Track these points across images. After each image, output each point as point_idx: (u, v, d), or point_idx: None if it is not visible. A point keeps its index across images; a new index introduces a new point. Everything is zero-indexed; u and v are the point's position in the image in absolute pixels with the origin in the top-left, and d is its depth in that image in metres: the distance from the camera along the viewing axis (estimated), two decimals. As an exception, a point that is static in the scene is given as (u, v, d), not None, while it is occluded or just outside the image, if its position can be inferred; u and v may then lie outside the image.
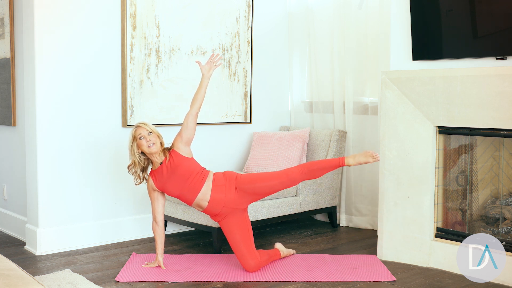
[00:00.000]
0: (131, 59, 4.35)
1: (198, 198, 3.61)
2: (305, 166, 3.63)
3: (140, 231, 4.53)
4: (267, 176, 3.65)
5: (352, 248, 4.24)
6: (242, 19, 4.98)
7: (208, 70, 3.67)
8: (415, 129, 3.82)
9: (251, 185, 3.62)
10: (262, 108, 5.28)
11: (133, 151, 3.58)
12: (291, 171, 3.64)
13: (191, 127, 3.61)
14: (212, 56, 3.71)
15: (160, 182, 3.62)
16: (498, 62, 3.49)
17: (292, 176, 3.62)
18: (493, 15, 3.48)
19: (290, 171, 3.64)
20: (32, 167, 4.12)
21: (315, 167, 3.61)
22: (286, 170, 3.67)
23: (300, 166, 3.64)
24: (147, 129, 3.57)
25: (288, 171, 3.65)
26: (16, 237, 4.53)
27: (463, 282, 3.50)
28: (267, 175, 3.66)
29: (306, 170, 3.61)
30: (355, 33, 4.89)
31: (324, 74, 5.20)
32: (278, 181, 3.62)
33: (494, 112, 3.45)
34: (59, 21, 4.07)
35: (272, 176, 3.64)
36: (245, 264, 3.62)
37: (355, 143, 4.96)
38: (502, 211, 3.74)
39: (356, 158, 3.58)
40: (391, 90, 3.89)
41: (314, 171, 3.62)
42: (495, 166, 3.88)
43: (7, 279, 2.22)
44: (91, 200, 4.31)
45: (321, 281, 3.49)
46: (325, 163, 3.63)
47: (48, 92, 4.06)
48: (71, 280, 3.42)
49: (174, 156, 3.59)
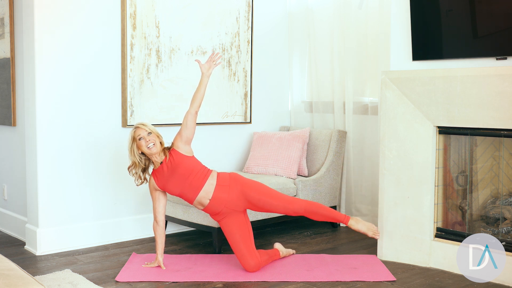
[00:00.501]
0: (131, 59, 4.35)
1: (200, 196, 3.61)
2: (313, 205, 3.69)
3: (140, 231, 4.53)
4: (276, 195, 3.68)
5: (352, 248, 4.24)
6: (242, 19, 4.98)
7: (208, 69, 3.68)
8: (415, 129, 3.82)
9: (258, 195, 3.64)
10: (262, 108, 5.28)
11: (133, 152, 3.58)
12: (298, 202, 3.69)
13: (191, 126, 3.61)
14: (212, 55, 3.71)
15: (162, 181, 3.63)
16: (498, 62, 3.49)
17: (297, 208, 3.67)
18: (493, 15, 3.48)
19: (297, 201, 3.69)
20: (32, 167, 4.12)
21: (321, 212, 3.69)
22: (294, 199, 3.71)
23: (308, 203, 3.69)
24: (146, 129, 3.57)
25: (296, 200, 3.69)
26: (16, 237, 4.53)
27: (463, 282, 3.50)
28: (276, 193, 3.70)
29: (311, 209, 3.68)
30: (355, 33, 4.89)
31: (324, 74, 5.20)
32: (282, 205, 3.66)
33: (494, 112, 3.45)
34: (59, 21, 4.08)
35: (279, 197, 3.68)
36: (245, 264, 3.62)
37: (355, 143, 4.96)
38: (502, 211, 3.74)
39: (359, 224, 3.72)
40: (391, 90, 3.89)
41: (317, 214, 3.70)
42: (495, 166, 3.88)
43: (7, 279, 2.22)
44: (91, 200, 4.31)
45: (321, 281, 3.49)
46: (331, 213, 3.71)
47: (48, 92, 4.06)
48: (71, 280, 3.42)
49: (174, 155, 3.59)
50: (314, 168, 4.86)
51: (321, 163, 4.82)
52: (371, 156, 4.86)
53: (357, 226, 3.68)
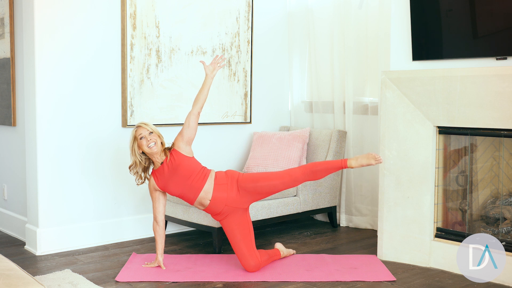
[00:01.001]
0: (131, 59, 4.35)
1: (200, 197, 3.61)
2: (308, 167, 3.63)
3: (140, 231, 4.53)
4: (269, 175, 3.66)
5: (352, 248, 4.24)
6: (242, 19, 4.98)
7: (212, 71, 3.70)
8: (415, 129, 3.82)
9: (253, 184, 3.63)
10: (262, 108, 5.28)
11: (134, 151, 3.59)
12: (293, 171, 3.65)
13: (193, 126, 3.62)
14: (217, 57, 3.74)
15: (162, 181, 3.63)
16: (498, 62, 3.49)
17: (294, 176, 3.62)
18: (493, 15, 3.48)
19: (292, 171, 3.65)
20: (32, 167, 4.12)
21: (318, 168, 3.62)
22: (288, 170, 3.67)
23: (302, 167, 3.65)
24: (147, 129, 3.57)
25: (291, 171, 3.65)
26: (16, 237, 4.53)
27: (463, 282, 3.50)
28: (269, 174, 3.67)
29: (309, 170, 3.62)
30: (355, 33, 4.89)
31: (324, 74, 5.20)
32: (280, 181, 3.63)
33: (494, 112, 3.45)
34: (59, 21, 4.08)
35: (274, 175, 3.65)
36: (245, 264, 3.62)
37: (355, 143, 4.96)
38: (502, 211, 3.74)
39: (359, 160, 3.58)
40: (391, 90, 3.89)
41: (317, 172, 3.63)
42: (495, 166, 3.88)
43: (7, 279, 2.22)
44: (91, 200, 4.31)
45: (321, 281, 3.49)
46: (328, 164, 3.64)
47: (48, 92, 4.06)
48: (71, 280, 3.42)
49: (175, 155, 3.60)
50: (314, 168, 4.86)
51: (321, 163, 4.82)
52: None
53: (358, 162, 3.56)
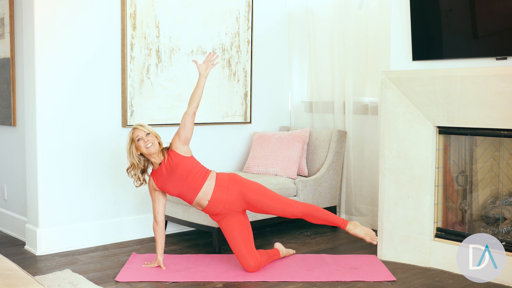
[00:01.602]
0: (131, 59, 4.35)
1: (198, 197, 3.61)
2: (310, 208, 3.66)
3: (140, 231, 4.53)
4: (274, 197, 3.67)
5: (352, 248, 4.24)
6: (242, 19, 4.98)
7: (205, 69, 3.67)
8: (415, 129, 3.82)
9: (257, 196, 3.64)
10: (262, 108, 5.28)
11: (131, 153, 3.58)
12: (296, 204, 3.67)
13: (189, 126, 3.61)
14: (209, 55, 3.71)
15: (161, 182, 3.62)
16: (498, 62, 3.49)
17: (295, 211, 3.65)
18: (493, 15, 3.48)
19: (295, 204, 3.67)
20: (32, 167, 4.12)
21: (318, 214, 3.66)
22: (292, 201, 3.70)
23: (306, 206, 3.67)
24: (144, 130, 3.57)
25: (294, 203, 3.68)
26: (16, 237, 4.53)
27: (463, 282, 3.50)
28: (274, 195, 3.69)
29: (309, 212, 3.65)
30: (355, 33, 4.89)
31: (324, 74, 5.20)
32: (281, 207, 3.65)
33: (494, 112, 3.45)
34: (59, 21, 4.08)
35: (278, 199, 3.67)
36: (245, 264, 3.62)
37: (355, 143, 4.96)
38: (502, 211, 3.74)
39: (358, 229, 3.67)
40: (391, 90, 3.89)
41: (315, 218, 3.67)
42: (495, 166, 3.88)
43: (7, 279, 2.22)
44: (91, 200, 4.31)
45: (321, 281, 3.49)
46: (329, 216, 3.68)
47: (48, 92, 4.06)
48: (71, 280, 3.42)
49: (172, 155, 3.59)
50: (314, 168, 4.86)
51: (321, 163, 4.82)
52: (371, 156, 4.86)
53: (355, 231, 3.66)
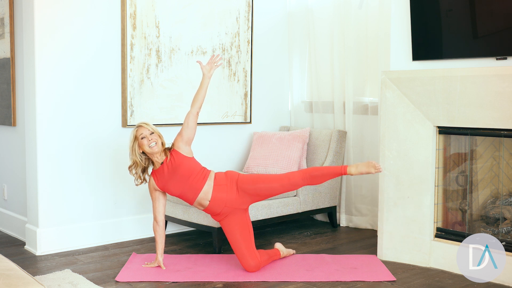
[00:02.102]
0: (131, 59, 4.35)
1: (199, 197, 3.61)
2: (307, 172, 3.64)
3: (140, 231, 4.53)
4: (269, 178, 3.66)
5: (352, 248, 4.24)
6: (242, 19, 4.98)
7: (209, 70, 3.69)
8: (415, 129, 3.82)
9: (252, 185, 3.63)
10: (262, 108, 5.28)
11: (134, 151, 3.58)
12: (292, 175, 3.65)
13: (192, 126, 3.62)
14: (213, 56, 3.73)
15: (162, 181, 3.63)
16: (498, 62, 3.49)
17: (294, 180, 3.62)
18: (493, 15, 3.48)
19: (292, 175, 3.65)
20: (32, 167, 4.12)
21: (317, 173, 3.63)
22: (288, 173, 3.67)
23: (302, 171, 3.65)
24: (148, 129, 3.57)
25: (290, 174, 3.66)
26: (16, 237, 4.53)
27: (463, 282, 3.50)
28: (269, 176, 3.67)
29: (308, 175, 3.62)
30: (355, 33, 4.89)
31: (324, 74, 5.20)
32: (279, 184, 3.63)
33: (494, 112, 3.45)
34: (59, 21, 4.08)
35: (273, 178, 3.65)
36: (245, 264, 3.62)
37: (355, 143, 4.96)
38: (502, 211, 3.74)
39: (359, 167, 3.59)
40: (391, 90, 3.89)
41: (316, 177, 3.63)
42: (495, 166, 3.88)
43: (7, 279, 2.22)
44: (91, 200, 4.31)
45: (321, 281, 3.49)
46: (327, 170, 3.65)
47: (48, 92, 4.06)
48: (71, 280, 3.42)
49: (175, 155, 3.60)
50: (314, 168, 4.86)
51: (321, 163, 4.82)
52: (371, 156, 4.86)
53: (358, 170, 3.57)
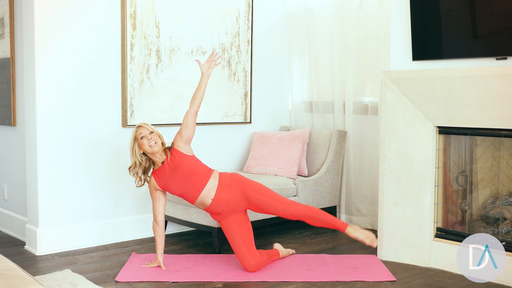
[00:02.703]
0: (131, 59, 4.35)
1: (201, 196, 3.61)
2: (311, 211, 3.67)
3: (140, 231, 4.53)
4: (275, 197, 3.68)
5: (352, 248, 4.24)
6: (242, 19, 4.98)
7: (208, 69, 3.68)
8: (415, 129, 3.82)
9: (258, 195, 3.64)
10: (262, 108, 5.28)
11: (134, 152, 3.59)
12: (297, 206, 3.67)
13: (191, 126, 3.62)
14: (212, 55, 3.72)
15: (163, 181, 3.63)
16: (498, 62, 3.49)
17: (296, 212, 3.66)
18: (493, 15, 3.48)
19: (296, 206, 3.68)
20: (32, 167, 4.12)
21: (319, 217, 3.67)
22: (294, 202, 3.70)
23: (307, 208, 3.68)
24: (148, 129, 3.58)
25: (295, 204, 3.68)
26: (16, 237, 4.53)
27: (463, 282, 3.50)
28: (276, 196, 3.69)
29: (310, 214, 3.66)
30: (355, 33, 4.89)
31: (324, 74, 5.20)
32: (282, 207, 3.66)
33: (494, 112, 3.45)
34: (59, 21, 4.08)
35: (279, 200, 3.68)
36: (245, 264, 3.62)
37: (355, 143, 4.96)
38: (502, 211, 3.74)
39: (357, 232, 3.66)
40: (391, 90, 3.89)
41: (316, 220, 3.68)
42: (495, 166, 3.88)
43: (7, 279, 2.22)
44: (91, 200, 4.31)
45: (321, 281, 3.49)
46: (330, 219, 3.68)
47: (48, 92, 4.06)
48: (71, 280, 3.42)
49: (175, 154, 3.60)
50: (314, 168, 4.86)
51: (321, 163, 4.82)
52: (371, 156, 4.86)
53: (355, 234, 3.65)
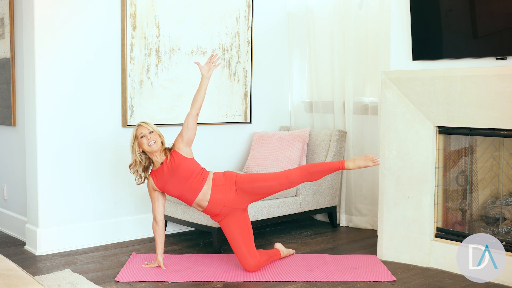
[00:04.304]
0: (131, 59, 4.35)
1: (198, 198, 3.61)
2: (305, 168, 3.64)
3: (140, 231, 4.53)
4: (267, 176, 3.66)
5: (352, 248, 4.25)
6: (242, 19, 4.98)
7: (208, 71, 3.68)
8: (415, 129, 3.82)
9: (250, 184, 3.63)
10: (262, 108, 5.28)
11: (134, 150, 3.59)
12: (290, 172, 3.65)
13: (192, 127, 3.62)
14: (212, 56, 3.72)
15: (161, 182, 3.63)
16: (498, 62, 3.49)
17: (291, 178, 3.62)
18: (493, 15, 3.48)
19: (289, 172, 3.65)
20: (32, 167, 4.12)
21: (315, 169, 3.63)
22: (285, 171, 3.68)
23: (299, 168, 3.65)
24: (148, 128, 3.58)
25: (288, 172, 3.66)
26: (16, 237, 4.53)
27: (463, 282, 3.51)
28: (267, 175, 3.67)
29: (306, 172, 3.62)
30: (355, 33, 4.89)
31: (324, 74, 5.20)
32: (277, 182, 3.63)
33: (494, 112, 3.45)
34: (59, 21, 4.08)
35: (271, 176, 3.65)
36: (245, 264, 3.62)
37: (355, 143, 4.96)
38: (502, 211, 3.74)
39: (356, 161, 3.60)
40: (391, 90, 3.89)
41: (314, 173, 3.63)
42: (495, 166, 3.88)
43: (7, 279, 2.22)
44: (91, 200, 4.31)
45: (321, 281, 3.49)
46: (325, 165, 3.65)
47: (48, 92, 4.06)
48: (71, 280, 3.42)
49: (175, 156, 3.60)
50: (314, 168, 4.86)
51: (321, 163, 4.82)
52: (371, 156, 4.86)
53: (355, 164, 3.58)
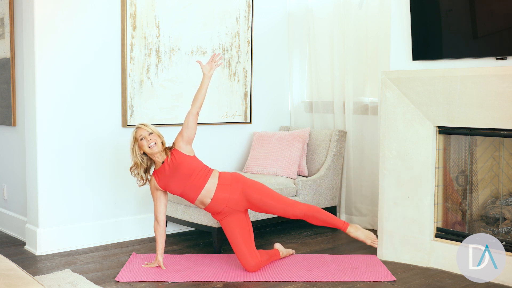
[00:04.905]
0: (131, 59, 4.35)
1: (201, 195, 3.62)
2: (312, 210, 3.66)
3: (140, 231, 4.53)
4: (276, 196, 3.68)
5: (352, 248, 4.25)
6: (242, 19, 4.98)
7: (209, 70, 3.69)
8: (415, 129, 3.82)
9: (258, 196, 3.64)
10: (262, 108, 5.28)
11: (134, 153, 3.60)
12: (298, 206, 3.67)
13: (192, 126, 3.62)
14: (214, 55, 3.73)
15: (163, 181, 3.63)
16: (498, 62, 3.49)
17: (297, 212, 3.65)
18: (493, 15, 3.48)
19: (296, 205, 3.67)
20: (32, 167, 4.12)
21: (321, 217, 3.66)
22: (295, 202, 3.70)
23: (308, 207, 3.67)
24: (147, 130, 3.58)
25: (295, 204, 3.68)
26: (16, 237, 4.53)
27: (463, 282, 3.51)
28: (276, 195, 3.69)
29: (311, 213, 3.65)
30: (355, 33, 4.89)
31: (324, 74, 5.20)
32: (282, 207, 3.66)
33: (494, 112, 3.45)
34: (59, 21, 4.08)
35: (280, 199, 3.67)
36: (245, 264, 3.62)
37: (355, 143, 4.96)
38: (502, 211, 3.74)
39: (358, 232, 3.65)
40: (391, 90, 3.89)
41: (317, 219, 3.67)
42: (495, 166, 3.89)
43: (7, 279, 2.22)
44: (91, 200, 4.31)
45: (321, 281, 3.49)
46: (331, 219, 3.67)
47: (48, 92, 4.06)
48: (71, 280, 3.42)
49: (175, 154, 3.60)
50: (314, 168, 4.86)
51: (321, 163, 4.82)
52: (371, 156, 4.86)
53: (356, 234, 3.65)
